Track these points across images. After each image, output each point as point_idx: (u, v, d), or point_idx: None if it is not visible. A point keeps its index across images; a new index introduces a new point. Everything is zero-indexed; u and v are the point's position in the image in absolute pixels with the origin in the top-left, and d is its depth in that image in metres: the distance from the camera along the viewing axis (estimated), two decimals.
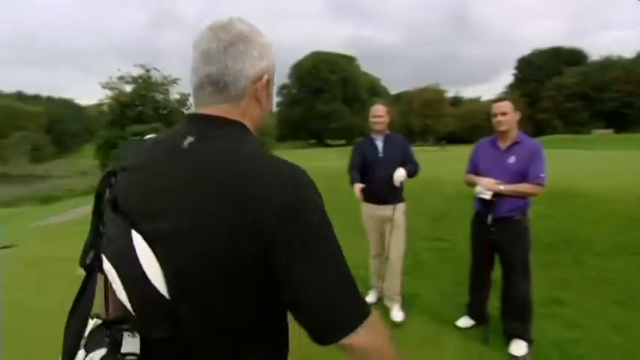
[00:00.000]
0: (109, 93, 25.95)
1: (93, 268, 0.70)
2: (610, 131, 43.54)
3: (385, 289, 3.18)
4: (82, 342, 0.66)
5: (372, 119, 3.11)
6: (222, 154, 0.65)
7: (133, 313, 0.63)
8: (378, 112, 3.08)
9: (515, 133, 2.53)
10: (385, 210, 3.03)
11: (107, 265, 0.63)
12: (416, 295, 3.35)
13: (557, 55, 57.87)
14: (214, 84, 0.70)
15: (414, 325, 2.89)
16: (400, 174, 2.93)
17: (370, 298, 3.35)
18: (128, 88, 26.62)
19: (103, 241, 0.67)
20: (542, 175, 2.39)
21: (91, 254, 0.71)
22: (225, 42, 0.69)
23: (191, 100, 0.77)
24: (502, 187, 2.42)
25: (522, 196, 2.45)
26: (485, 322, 2.71)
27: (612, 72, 49.94)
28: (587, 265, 3.52)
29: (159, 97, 27.18)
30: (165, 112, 26.60)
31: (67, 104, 72.77)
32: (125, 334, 0.64)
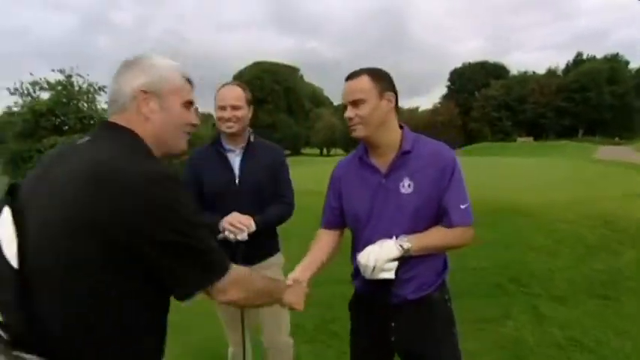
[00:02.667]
0: (19, 100, 22.94)
1: None
2: (530, 139, 47.49)
3: None
4: None
5: (219, 113, 1.75)
6: (98, 149, 0.83)
7: None
8: (228, 100, 1.71)
9: (396, 135, 1.32)
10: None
11: None
12: None
13: (484, 69, 62.45)
14: (109, 102, 0.95)
15: None
16: (244, 228, 1.62)
17: None
18: (45, 96, 23.74)
19: None
20: (463, 206, 1.27)
21: None
22: (116, 71, 0.95)
23: None
24: (406, 245, 1.20)
25: (438, 251, 1.33)
26: None
27: (529, 85, 55.00)
28: (547, 318, 2.61)
29: (83, 106, 24.46)
30: (92, 122, 23.78)
31: None
32: None
